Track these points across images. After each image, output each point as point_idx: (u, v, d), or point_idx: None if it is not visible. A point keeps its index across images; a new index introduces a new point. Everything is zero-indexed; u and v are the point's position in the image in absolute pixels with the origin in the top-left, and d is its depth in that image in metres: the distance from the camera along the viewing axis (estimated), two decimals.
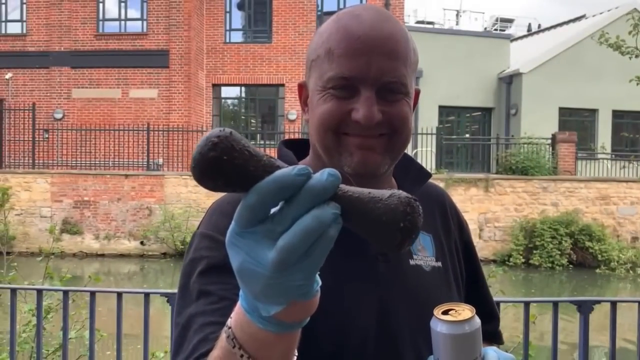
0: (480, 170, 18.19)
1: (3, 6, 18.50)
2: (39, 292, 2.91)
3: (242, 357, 0.61)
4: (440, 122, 18.90)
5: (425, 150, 15.72)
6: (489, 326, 1.10)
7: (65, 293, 2.82)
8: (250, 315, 0.58)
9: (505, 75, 19.21)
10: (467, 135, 20.53)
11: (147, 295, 2.73)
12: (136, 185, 14.57)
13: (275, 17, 18.64)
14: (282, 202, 0.53)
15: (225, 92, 19.38)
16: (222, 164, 0.51)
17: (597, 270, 13.18)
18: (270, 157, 0.54)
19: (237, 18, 19.44)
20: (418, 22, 28.99)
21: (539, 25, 29.82)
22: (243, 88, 19.20)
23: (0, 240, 9.90)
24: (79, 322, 3.95)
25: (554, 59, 18.76)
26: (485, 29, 31.47)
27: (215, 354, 0.65)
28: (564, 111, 18.81)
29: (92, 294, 2.76)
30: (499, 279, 8.68)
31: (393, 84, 0.90)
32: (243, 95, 19.43)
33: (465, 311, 0.82)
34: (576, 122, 18.97)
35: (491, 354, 0.86)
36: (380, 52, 0.88)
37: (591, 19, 21.03)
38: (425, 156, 15.40)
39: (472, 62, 19.02)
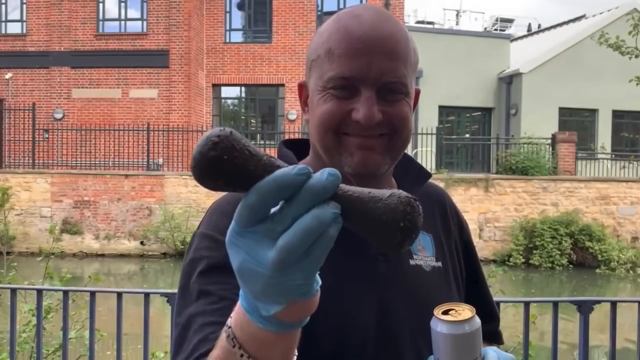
0: (480, 170, 18.19)
1: (3, 6, 18.49)
2: (39, 292, 2.91)
3: (242, 356, 0.61)
4: (440, 122, 18.89)
5: (425, 150, 15.71)
6: (489, 326, 1.10)
7: (65, 293, 2.83)
8: (250, 314, 0.58)
9: (505, 75, 19.21)
10: (467, 135, 20.53)
11: (147, 295, 2.73)
12: (136, 185, 14.57)
13: (275, 17, 18.64)
14: (282, 202, 0.53)
15: (225, 92, 19.38)
16: (222, 164, 0.51)
17: (597, 270, 13.18)
18: (271, 157, 0.54)
19: (237, 18, 19.44)
20: (418, 22, 28.99)
21: (539, 25, 29.82)
22: (243, 88, 19.19)
23: (0, 240, 9.90)
24: (79, 322, 3.95)
25: (554, 59, 18.76)
26: (485, 29, 31.47)
27: (215, 353, 0.65)
28: (564, 111, 18.81)
29: (92, 294, 2.76)
30: (499, 279, 8.67)
31: (393, 84, 0.90)
32: (243, 95, 19.43)
33: (465, 311, 0.82)
34: (576, 122, 18.97)
35: (491, 354, 0.86)
36: (380, 52, 0.88)
37: (591, 19, 21.02)
38: (425, 156, 15.40)
39: (472, 62, 19.02)
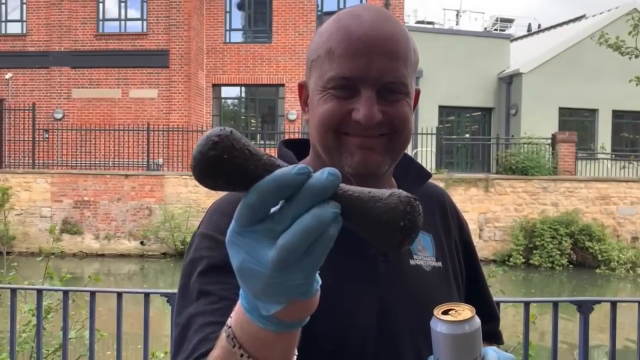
0: (480, 170, 18.19)
1: (3, 6, 18.49)
2: (39, 292, 2.91)
3: (242, 356, 0.61)
4: (440, 122, 18.89)
5: (425, 150, 15.71)
6: (489, 326, 1.10)
7: (65, 293, 2.82)
8: (250, 314, 0.58)
9: (505, 75, 19.21)
10: (467, 135, 20.53)
11: (147, 295, 2.73)
12: (136, 185, 14.57)
13: (275, 17, 18.64)
14: (282, 201, 0.53)
15: (225, 92, 19.38)
16: (222, 163, 0.51)
17: (597, 270, 13.18)
18: (271, 156, 0.54)
19: (237, 18, 19.44)
20: (418, 22, 28.99)
21: (539, 25, 29.82)
22: (243, 88, 19.19)
23: (0, 240, 9.90)
24: (79, 322, 3.95)
25: (554, 59, 18.76)
26: (485, 29, 31.47)
27: (215, 353, 0.65)
28: (564, 111, 18.81)
29: (92, 294, 2.76)
30: (499, 279, 8.67)
31: (393, 84, 0.90)
32: (243, 95, 19.43)
33: (465, 311, 0.82)
34: (576, 122, 18.97)
35: (491, 354, 0.86)
36: (380, 52, 0.88)
37: (591, 19, 21.02)
38: (425, 156, 15.40)
39: (472, 62, 19.02)
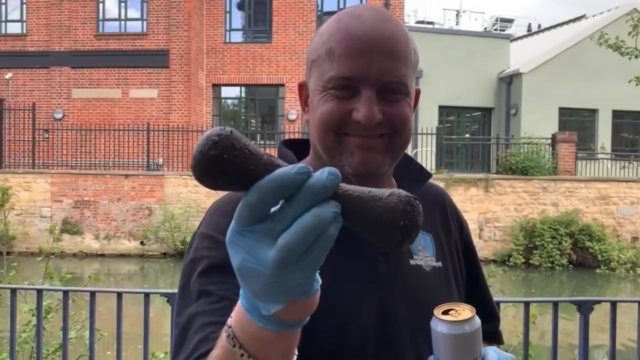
0: (480, 170, 18.19)
1: (3, 6, 18.49)
2: (39, 292, 2.91)
3: (242, 356, 0.61)
4: (440, 122, 18.90)
5: (425, 150, 15.71)
6: (489, 326, 1.10)
7: (65, 293, 2.82)
8: (250, 314, 0.58)
9: (505, 75, 19.21)
10: (467, 135, 20.53)
11: (147, 295, 2.73)
12: (136, 185, 14.57)
13: (275, 17, 18.64)
14: (282, 201, 0.53)
15: (225, 92, 19.38)
16: (222, 163, 0.51)
17: (597, 270, 13.18)
18: (271, 156, 0.54)
19: (237, 18, 19.44)
20: (418, 22, 28.99)
21: (539, 25, 29.83)
22: (243, 88, 19.19)
23: (0, 240, 9.90)
24: (79, 322, 3.95)
25: (554, 59, 18.76)
26: (485, 29, 31.46)
27: (215, 353, 0.65)
28: (564, 111, 18.82)
29: (92, 294, 2.76)
30: (499, 279, 8.67)
31: (394, 84, 0.90)
32: (243, 95, 19.43)
33: (465, 311, 0.82)
34: (576, 122, 18.97)
35: (491, 354, 0.86)
36: (380, 52, 0.88)
37: (591, 19, 21.02)
38: (425, 156, 15.40)
39: (472, 62, 19.02)
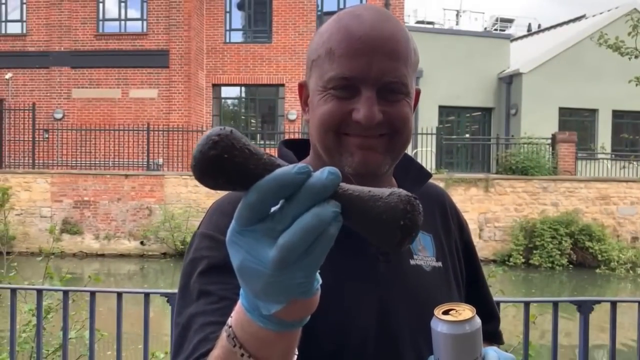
0: (480, 170, 18.19)
1: (3, 6, 18.49)
2: (39, 292, 2.91)
3: (242, 356, 0.61)
4: (440, 122, 18.89)
5: (425, 150, 15.71)
6: (489, 326, 1.10)
7: (65, 293, 2.82)
8: (250, 314, 0.58)
9: (505, 75, 19.21)
10: (467, 135, 20.53)
11: (147, 295, 2.73)
12: (136, 185, 14.57)
13: (275, 17, 18.64)
14: (282, 201, 0.53)
15: (225, 92, 19.38)
16: (222, 162, 0.51)
17: (597, 270, 13.18)
18: (271, 156, 0.54)
19: (237, 18, 19.44)
20: (418, 22, 28.99)
21: (539, 25, 29.82)
22: (243, 88, 19.19)
23: (0, 240, 9.90)
24: (79, 322, 3.95)
25: (554, 59, 18.76)
26: (485, 29, 31.46)
27: (215, 353, 0.65)
28: (564, 111, 18.81)
29: (92, 294, 2.76)
30: (499, 279, 8.67)
31: (394, 84, 0.90)
32: (243, 95, 19.43)
33: (465, 311, 0.82)
34: (576, 122, 18.97)
35: (491, 354, 0.86)
36: (381, 52, 0.88)
37: (591, 19, 21.02)
38: (425, 156, 15.39)
39: (472, 62, 19.02)
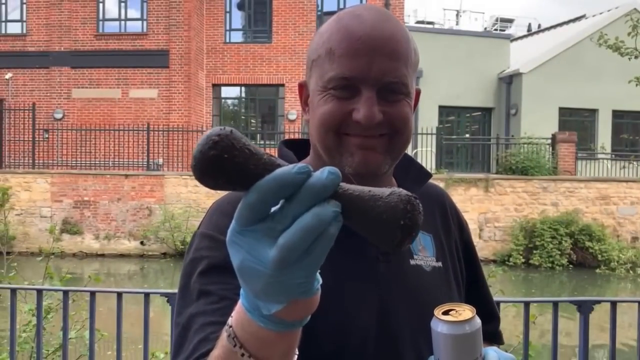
0: (480, 170, 18.19)
1: (3, 6, 18.49)
2: (39, 292, 2.91)
3: (242, 356, 0.61)
4: (440, 122, 18.90)
5: (425, 150, 15.71)
6: (489, 326, 1.10)
7: (65, 293, 2.82)
8: (251, 314, 0.58)
9: (505, 75, 19.21)
10: (467, 135, 20.53)
11: (147, 295, 2.73)
12: (136, 185, 14.57)
13: (275, 17, 18.64)
14: (282, 201, 0.53)
15: (225, 92, 19.38)
16: (222, 162, 0.51)
17: (597, 270, 13.18)
18: (271, 156, 0.54)
19: (237, 18, 19.44)
20: (418, 22, 28.99)
21: (539, 25, 29.82)
22: (243, 88, 19.19)
23: (0, 240, 9.90)
24: (79, 322, 3.95)
25: (554, 59, 18.76)
26: (485, 29, 31.45)
27: (216, 353, 0.65)
28: (564, 111, 18.81)
29: (92, 294, 2.76)
30: (499, 279, 8.66)
31: (394, 84, 0.90)
32: (243, 95, 19.43)
33: (465, 311, 0.82)
34: (576, 122, 18.97)
35: (491, 354, 0.86)
36: (381, 53, 0.88)
37: (591, 19, 21.02)
38: (425, 156, 15.39)
39: (472, 62, 19.02)
